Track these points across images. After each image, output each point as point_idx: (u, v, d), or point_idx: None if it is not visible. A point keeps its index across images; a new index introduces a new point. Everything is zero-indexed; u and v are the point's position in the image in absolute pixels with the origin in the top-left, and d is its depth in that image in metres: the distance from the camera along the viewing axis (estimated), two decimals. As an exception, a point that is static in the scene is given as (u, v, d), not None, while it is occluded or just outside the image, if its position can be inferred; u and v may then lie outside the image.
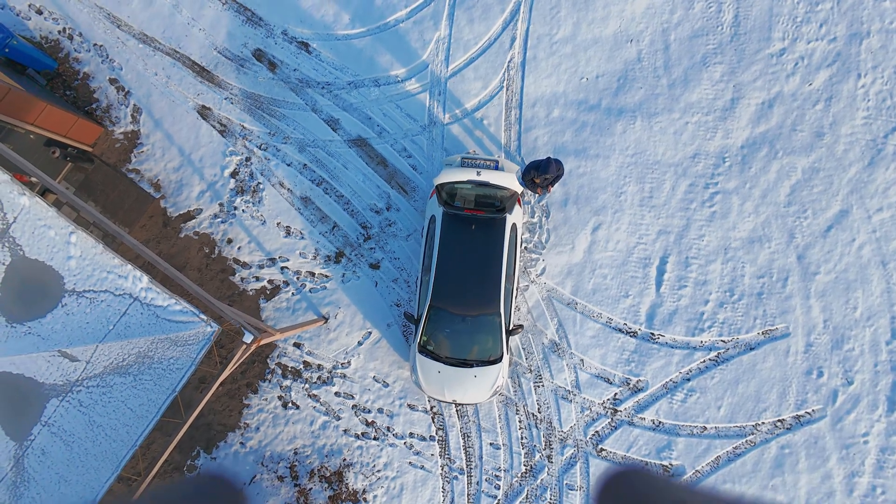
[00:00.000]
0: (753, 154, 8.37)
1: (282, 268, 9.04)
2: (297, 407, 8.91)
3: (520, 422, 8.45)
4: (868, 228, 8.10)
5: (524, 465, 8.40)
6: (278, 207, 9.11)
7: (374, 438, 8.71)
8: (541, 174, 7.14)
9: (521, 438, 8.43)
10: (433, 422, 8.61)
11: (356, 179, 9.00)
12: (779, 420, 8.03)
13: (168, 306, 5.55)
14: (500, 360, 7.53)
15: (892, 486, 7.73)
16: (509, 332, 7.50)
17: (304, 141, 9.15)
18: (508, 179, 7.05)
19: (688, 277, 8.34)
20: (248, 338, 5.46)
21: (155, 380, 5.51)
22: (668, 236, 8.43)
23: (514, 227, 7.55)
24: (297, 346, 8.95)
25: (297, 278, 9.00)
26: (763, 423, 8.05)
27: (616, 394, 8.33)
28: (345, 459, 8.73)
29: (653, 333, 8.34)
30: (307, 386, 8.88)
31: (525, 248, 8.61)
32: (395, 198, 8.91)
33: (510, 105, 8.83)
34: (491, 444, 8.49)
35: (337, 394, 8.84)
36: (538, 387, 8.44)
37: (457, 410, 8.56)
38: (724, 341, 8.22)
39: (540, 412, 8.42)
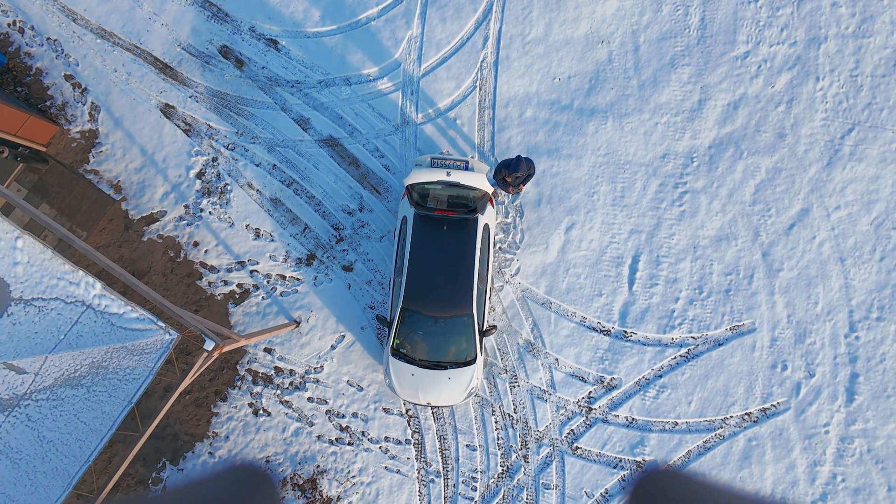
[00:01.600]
0: (720, 154, 8.58)
1: (251, 271, 8.79)
2: (269, 414, 8.68)
3: (496, 422, 8.44)
4: (827, 226, 8.40)
5: (500, 466, 8.39)
6: (247, 209, 8.85)
7: (349, 444, 8.56)
8: (511, 173, 7.14)
9: (498, 439, 8.42)
10: (409, 425, 8.52)
11: (327, 180, 8.82)
12: (746, 413, 8.24)
13: (123, 314, 5.30)
14: (474, 361, 7.50)
15: (851, 474, 8.03)
16: (483, 333, 7.48)
17: (274, 141, 8.92)
18: (478, 180, 7.01)
19: (659, 276, 8.48)
20: (209, 345, 5.24)
21: (110, 391, 5.25)
22: (640, 235, 8.56)
23: (486, 227, 7.52)
24: (268, 351, 8.72)
25: (268, 282, 8.77)
26: (731, 416, 8.25)
27: (590, 392, 8.41)
28: (318, 466, 8.55)
29: (626, 331, 8.45)
30: (279, 392, 8.66)
31: (499, 248, 8.60)
32: (367, 198, 8.77)
33: (483, 105, 8.81)
34: (467, 445, 8.45)
35: (310, 399, 8.65)
36: (514, 387, 8.45)
37: (432, 413, 8.49)
38: (693, 338, 8.40)
39: (516, 412, 8.43)
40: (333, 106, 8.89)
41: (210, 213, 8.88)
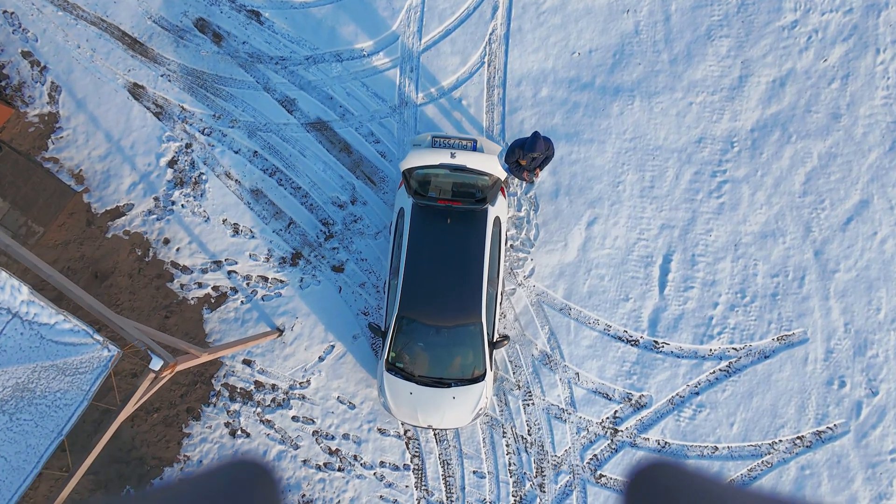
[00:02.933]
0: (764, 138, 7.47)
1: (229, 272, 7.75)
2: (248, 435, 7.61)
3: (507, 446, 7.35)
4: (891, 220, 7.28)
5: (513, 496, 7.29)
6: (224, 202, 7.81)
7: (339, 469, 7.48)
8: (527, 153, 6.03)
9: (509, 465, 7.32)
10: (407, 448, 7.44)
11: (315, 169, 7.78)
12: (798, 437, 7.11)
13: (55, 324, 4.26)
14: (482, 377, 6.41)
15: (921, 508, 6.89)
16: (493, 345, 6.39)
17: (255, 124, 7.89)
18: (489, 163, 5.91)
19: (695, 277, 7.38)
20: (155, 364, 4.18)
21: (36, 420, 4.21)
22: (672, 231, 7.46)
23: (497, 220, 6.44)
24: (247, 363, 7.66)
25: (247, 284, 7.73)
26: (781, 441, 7.13)
27: (616, 411, 7.31)
28: (304, 495, 7.48)
29: (656, 342, 7.34)
30: (259, 410, 7.60)
31: (511, 245, 7.53)
32: (360, 189, 7.72)
33: (492, 83, 7.74)
34: (474, 472, 7.36)
35: (295, 418, 7.58)
36: (528, 405, 7.36)
37: (435, 435, 7.40)
38: (735, 349, 7.28)
39: (530, 434, 7.33)
40: (322, 85, 7.85)
41: (183, 206, 7.85)
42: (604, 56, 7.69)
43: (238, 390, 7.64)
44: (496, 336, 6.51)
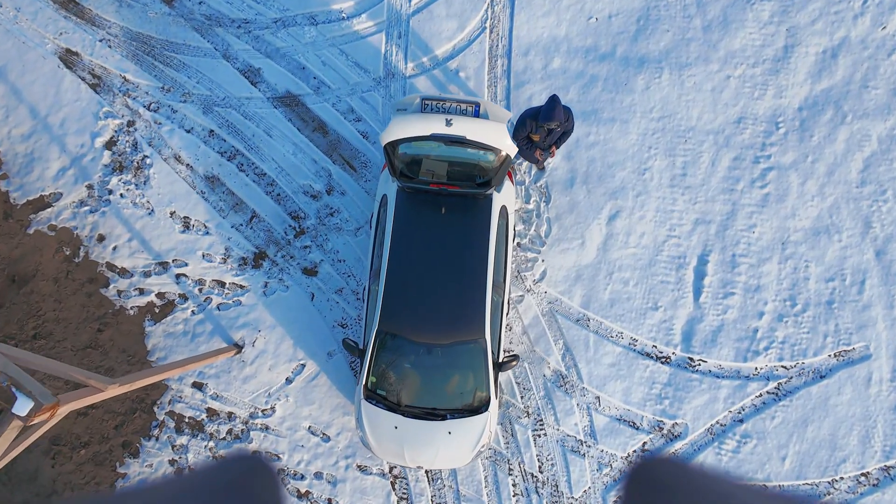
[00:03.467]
0: (815, 118, 6.36)
1: (177, 276, 6.41)
2: (198, 475, 6.23)
3: (514, 485, 6.07)
4: (964, 215, 6.19)
5: (521, 548, 6.01)
6: (173, 191, 6.49)
7: (310, 516, 6.14)
8: (543, 123, 4.77)
9: (517, 509, 6.05)
10: (393, 489, 6.12)
11: (284, 152, 6.50)
12: (863, 474, 5.94)
13: None
14: (486, 407, 5.13)
15: None
16: (499, 366, 5.13)
17: (212, 99, 6.60)
18: (496, 134, 4.57)
19: (735, 282, 6.21)
20: (22, 407, 2.82)
21: None
22: (709, 227, 6.30)
23: (503, 211, 5.21)
24: (198, 386, 6.31)
25: (199, 290, 6.39)
26: (842, 478, 5.95)
27: (645, 443, 6.08)
28: (266, 549, 6.10)
29: (692, 359, 6.15)
30: (212, 444, 6.24)
31: (518, 244, 6.31)
32: (338, 177, 6.46)
33: (495, 53, 6.55)
34: (474, 518, 6.07)
35: (256, 454, 6.21)
36: (539, 436, 6.10)
37: (427, 474, 6.10)
38: (785, 367, 6.11)
39: (542, 472, 6.07)
40: (293, 52, 6.59)
41: (122, 195, 6.51)
42: (626, 22, 6.54)
43: (186, 420, 6.27)
44: (502, 355, 5.25)
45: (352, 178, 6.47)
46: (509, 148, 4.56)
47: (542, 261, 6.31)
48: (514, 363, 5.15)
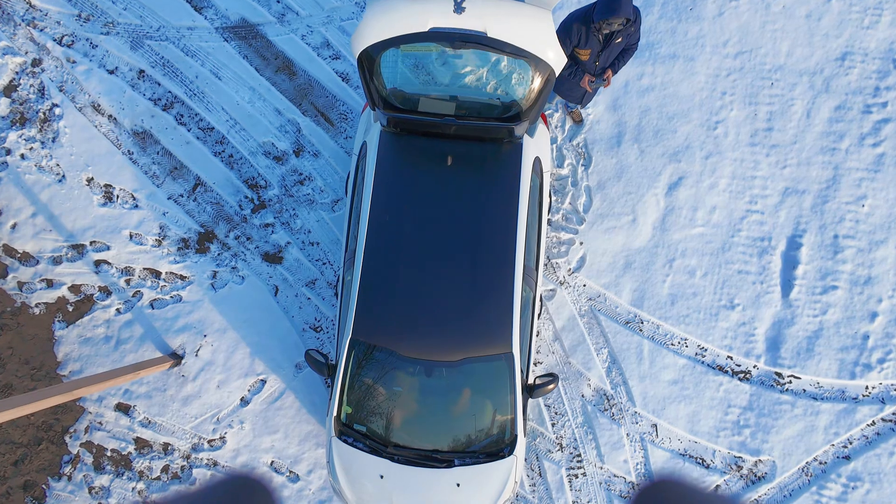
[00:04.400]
0: (946, 53, 4.78)
1: (97, 263, 4.86)
2: (123, 526, 4.73)
3: (542, 541, 4.56)
4: None
5: None
6: (90, 150, 4.93)
7: (272, 581, 4.62)
8: (604, 19, 3.10)
9: (547, 574, 4.54)
10: (382, 546, 4.60)
11: (238, 99, 4.93)
12: None
13: None
14: (509, 448, 3.57)
15: None
16: (530, 391, 3.57)
17: (143, 29, 5.00)
18: (536, 28, 2.82)
19: (838, 272, 4.66)
20: None
21: None
22: (802, 199, 4.74)
23: (537, 165, 3.63)
24: (124, 409, 4.78)
25: (127, 282, 4.85)
26: None
27: (719, 486, 4.56)
28: None
29: (780, 374, 4.61)
30: (142, 486, 4.72)
31: (548, 221, 4.75)
32: (309, 133, 4.89)
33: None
34: (490, 585, 4.55)
35: (200, 498, 4.70)
36: (576, 477, 4.58)
37: (426, 528, 4.58)
38: (906, 386, 4.57)
39: (580, 524, 4.55)
40: (250, -32, 4.99)
41: (24, 156, 4.94)
42: (692, -74, 4.93)
43: (108, 454, 4.75)
44: (533, 377, 3.67)
45: (328, 134, 4.90)
46: (555, 56, 2.90)
47: (580, 244, 4.75)
48: (550, 387, 3.58)
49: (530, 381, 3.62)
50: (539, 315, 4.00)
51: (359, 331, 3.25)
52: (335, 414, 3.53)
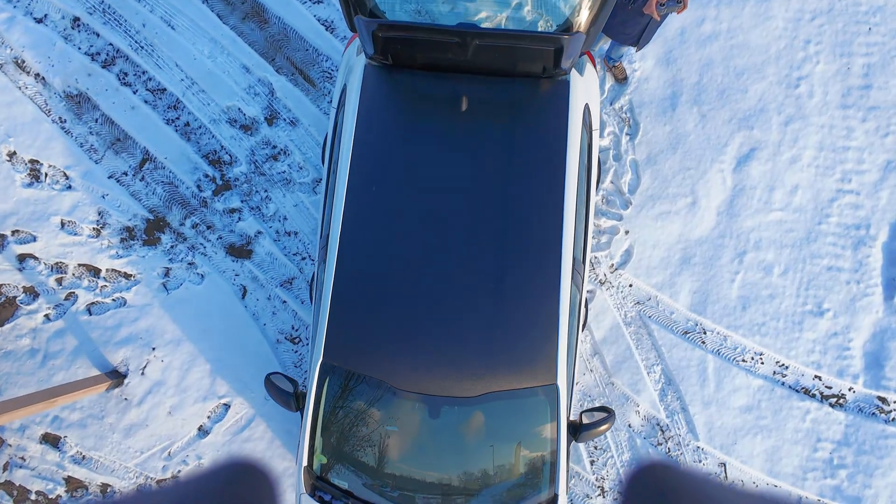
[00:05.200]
0: None
1: (20, 257, 3.91)
2: (49, 589, 3.78)
3: None
4: None
5: None
6: (12, 117, 3.97)
7: None
8: None
9: None
10: None
11: (195, 53, 3.96)
12: None
13: None
14: (551, 504, 2.59)
15: None
16: (574, 432, 2.57)
17: (79, -31, 4.04)
18: None
19: (958, 268, 3.65)
20: None
21: None
22: (911, 175, 3.73)
23: (587, 115, 2.63)
24: (52, 441, 3.82)
25: (58, 282, 3.89)
26: None
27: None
28: None
29: (883, 399, 3.61)
30: (73, 538, 3.76)
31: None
32: (285, 95, 3.92)
33: None
34: None
35: (147, 554, 3.75)
36: (622, 530, 3.58)
37: None
38: None
39: (628, 591, 3.55)
40: None
41: (-68, 126, 3.99)
42: None
43: (32, 497, 3.79)
44: (579, 415, 2.66)
45: (307, 97, 3.92)
46: None
47: (625, 233, 3.77)
48: (604, 427, 2.58)
49: (577, 418, 2.63)
50: (584, 326, 3.01)
51: (333, 352, 2.27)
52: (305, 463, 2.55)
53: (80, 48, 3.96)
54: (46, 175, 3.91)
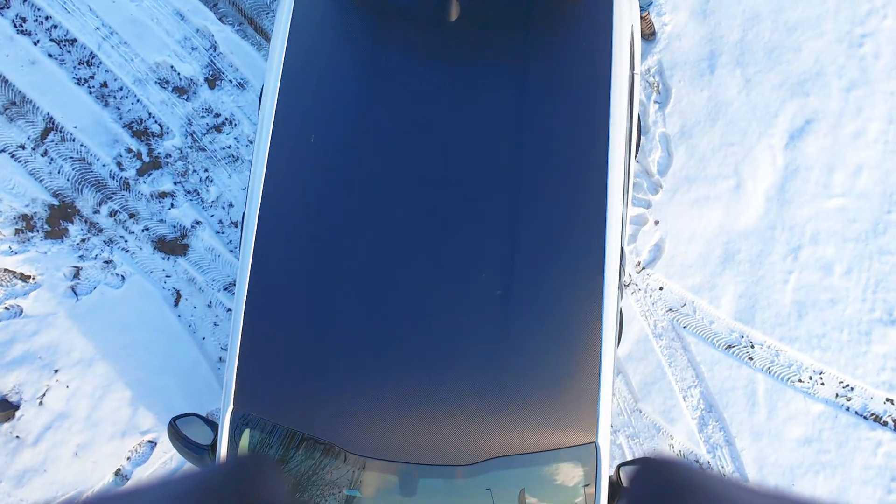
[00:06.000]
0: None
1: None
2: None
3: None
4: None
5: None
6: None
7: None
8: None
9: None
10: None
11: (114, -6, 3.13)
12: None
13: None
14: None
15: None
16: (612, 497, 1.78)
17: None
18: None
19: None
20: None
21: None
22: None
23: (632, 42, 1.86)
24: (-82, 493, 2.94)
25: (-70, 285, 3.02)
26: None
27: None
28: None
29: (969, 427, 2.94)
30: None
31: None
32: (231, 50, 3.12)
33: None
34: None
35: None
36: None
37: None
38: None
39: None
40: None
41: None
42: None
43: None
44: (613, 468, 1.89)
45: (260, 52, 3.13)
46: None
47: (655, 223, 3.05)
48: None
49: (618, 479, 1.87)
50: (620, 341, 2.27)
51: (247, 398, 1.47)
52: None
53: (-36, -14, 3.11)
54: (-82, 148, 3.05)
